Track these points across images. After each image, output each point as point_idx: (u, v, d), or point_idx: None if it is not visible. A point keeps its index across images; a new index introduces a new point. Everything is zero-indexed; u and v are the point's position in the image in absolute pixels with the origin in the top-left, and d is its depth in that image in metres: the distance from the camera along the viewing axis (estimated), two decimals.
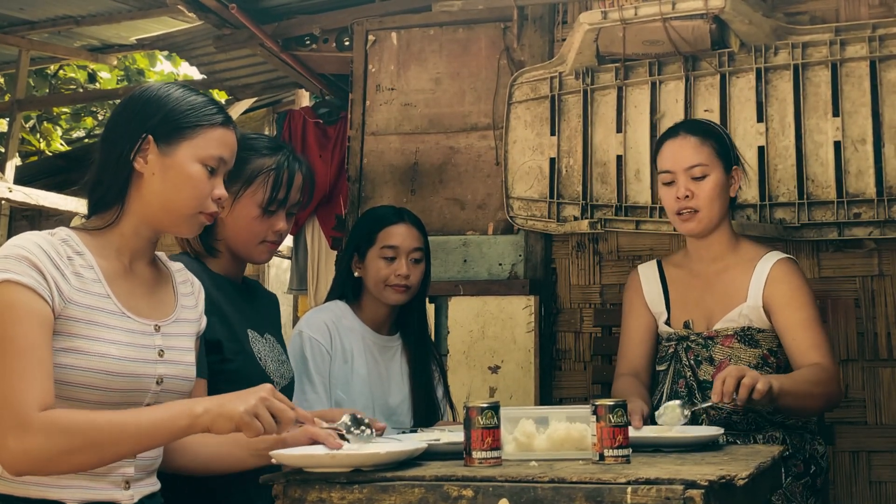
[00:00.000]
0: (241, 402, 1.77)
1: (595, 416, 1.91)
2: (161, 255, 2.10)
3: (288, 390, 2.56)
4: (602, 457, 1.88)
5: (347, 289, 3.01)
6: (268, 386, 1.82)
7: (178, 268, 2.12)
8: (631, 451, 1.92)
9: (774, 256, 2.90)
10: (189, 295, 2.10)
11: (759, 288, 2.85)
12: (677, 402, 2.30)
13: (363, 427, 1.91)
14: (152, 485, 1.96)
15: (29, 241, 1.80)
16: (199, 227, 2.01)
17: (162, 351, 1.94)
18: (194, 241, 2.47)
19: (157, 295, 2.01)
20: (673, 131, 2.96)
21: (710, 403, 2.44)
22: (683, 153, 2.86)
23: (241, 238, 2.49)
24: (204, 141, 1.96)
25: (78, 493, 1.80)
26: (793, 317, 2.80)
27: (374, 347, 2.96)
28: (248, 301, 2.55)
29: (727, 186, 2.89)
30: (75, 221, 2.04)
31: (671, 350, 2.92)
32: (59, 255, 1.82)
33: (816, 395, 2.66)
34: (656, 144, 3.03)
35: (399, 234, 2.97)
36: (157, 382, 1.92)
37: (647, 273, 3.07)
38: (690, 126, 2.98)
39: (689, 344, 2.89)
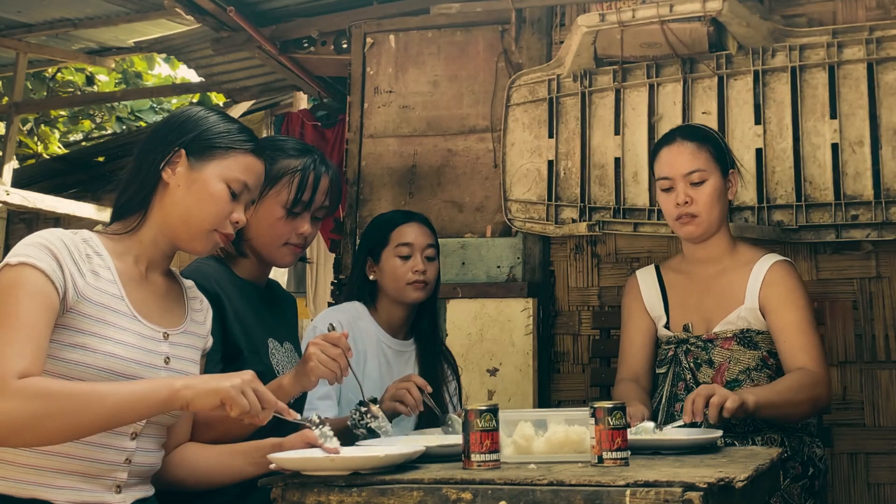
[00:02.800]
0: (226, 379, 1.80)
1: (594, 419, 1.91)
2: (175, 270, 2.13)
3: (300, 401, 2.56)
4: (601, 459, 1.88)
5: (364, 292, 3.02)
6: (251, 371, 1.86)
7: (189, 284, 2.16)
8: (630, 453, 1.92)
9: (771, 258, 2.92)
10: (199, 311, 2.13)
11: (755, 289, 2.87)
12: (651, 423, 2.31)
13: (327, 429, 1.93)
14: (146, 490, 1.96)
15: (52, 233, 1.86)
16: (213, 246, 2.05)
17: (168, 358, 1.97)
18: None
19: (168, 304, 2.04)
20: (669, 137, 2.98)
21: (680, 423, 2.43)
22: (681, 159, 2.88)
23: (264, 239, 2.48)
24: (233, 163, 2.04)
25: (68, 494, 1.81)
26: (786, 318, 2.82)
27: (388, 351, 2.97)
28: (270, 307, 2.55)
29: (725, 190, 2.92)
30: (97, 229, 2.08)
31: (670, 353, 2.93)
32: (79, 252, 1.87)
33: (799, 402, 2.67)
34: (653, 151, 3.05)
35: (412, 232, 3.01)
36: None
37: (646, 278, 3.08)
38: (686, 132, 3.00)
39: (689, 347, 2.90)
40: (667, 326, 2.99)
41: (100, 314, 1.86)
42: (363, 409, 2.58)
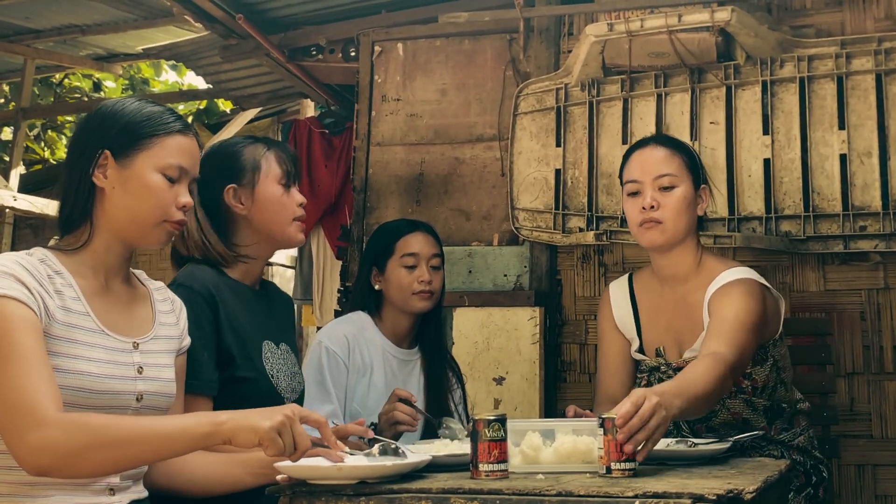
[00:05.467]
0: (267, 418, 1.77)
1: (602, 430, 1.90)
2: (139, 273, 2.10)
3: (298, 403, 2.56)
4: (609, 470, 1.87)
5: (369, 301, 3.02)
6: (294, 406, 1.83)
7: (157, 286, 2.12)
8: (637, 464, 1.91)
9: (728, 276, 2.70)
10: (169, 313, 2.10)
11: (706, 311, 2.69)
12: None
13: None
14: (139, 492, 1.95)
15: (10, 259, 1.82)
16: (167, 236, 2.00)
17: (141, 368, 1.94)
18: (218, 246, 2.44)
19: (134, 312, 2.01)
20: (642, 143, 2.89)
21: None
22: (652, 162, 2.77)
23: (276, 222, 2.48)
24: (161, 150, 1.96)
25: (61, 500, 1.80)
26: (717, 313, 2.61)
27: (393, 360, 2.97)
28: (265, 308, 2.54)
29: (694, 202, 2.77)
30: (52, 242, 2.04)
31: (644, 382, 2.81)
32: (40, 273, 1.83)
33: (715, 395, 2.41)
34: (624, 156, 2.93)
35: (418, 242, 3.01)
36: (137, 399, 1.91)
37: (618, 295, 2.95)
38: (661, 138, 2.93)
39: (661, 375, 2.77)
40: (641, 350, 2.87)
41: (68, 333, 1.83)
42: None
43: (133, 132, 1.95)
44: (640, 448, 1.92)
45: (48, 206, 7.36)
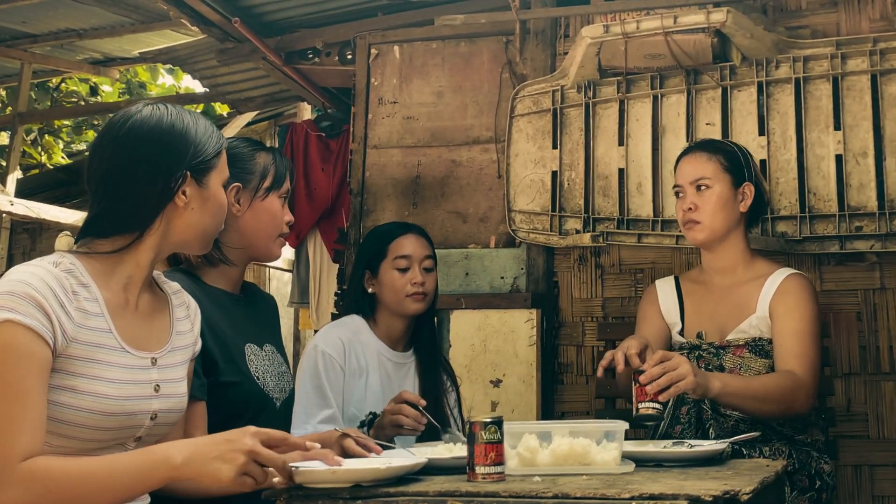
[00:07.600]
0: (227, 462, 1.71)
1: (634, 381, 2.42)
2: (156, 275, 2.07)
3: (289, 403, 2.55)
4: (637, 410, 2.42)
5: (363, 305, 3.02)
6: (250, 429, 1.75)
7: (175, 289, 2.10)
8: (663, 407, 2.41)
9: (787, 271, 2.97)
10: (184, 319, 2.08)
11: (767, 298, 2.91)
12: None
13: None
14: (142, 499, 1.94)
15: (34, 276, 1.76)
16: (213, 242, 2.07)
17: (158, 386, 1.92)
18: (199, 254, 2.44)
19: (154, 324, 1.99)
20: (688, 149, 3.10)
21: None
22: (690, 167, 2.99)
23: (264, 234, 2.50)
24: (222, 164, 2.03)
25: None
26: (787, 325, 2.85)
27: (388, 364, 2.96)
28: (246, 312, 2.54)
29: (733, 199, 2.95)
30: (62, 244, 2.00)
31: None
32: (65, 291, 1.78)
33: (770, 401, 2.71)
34: (675, 162, 3.13)
35: (410, 244, 3.01)
36: (151, 418, 1.90)
37: (665, 287, 3.14)
38: (704, 143, 3.12)
39: (701, 353, 2.93)
40: (681, 333, 3.02)
41: (88, 353, 1.80)
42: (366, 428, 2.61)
43: (205, 153, 1.96)
44: (662, 392, 2.41)
45: (45, 211, 7.36)
